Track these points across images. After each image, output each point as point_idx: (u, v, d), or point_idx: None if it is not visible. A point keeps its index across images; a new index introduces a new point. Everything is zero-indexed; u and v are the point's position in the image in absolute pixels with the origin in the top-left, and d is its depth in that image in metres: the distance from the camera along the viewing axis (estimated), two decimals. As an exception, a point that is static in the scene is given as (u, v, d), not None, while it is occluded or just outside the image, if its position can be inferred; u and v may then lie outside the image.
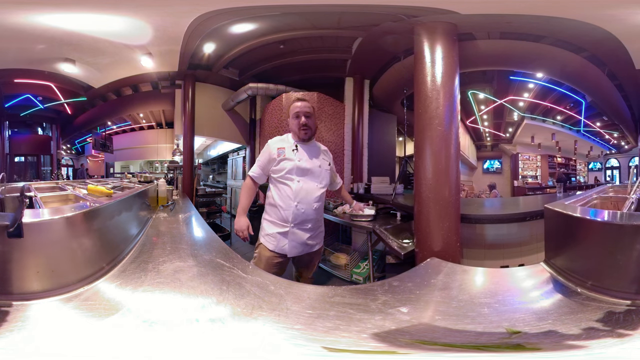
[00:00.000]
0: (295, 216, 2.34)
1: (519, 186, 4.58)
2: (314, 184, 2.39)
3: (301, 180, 2.35)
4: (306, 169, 2.37)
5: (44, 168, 4.50)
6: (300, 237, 2.35)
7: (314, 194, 2.38)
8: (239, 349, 0.80)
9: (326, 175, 2.47)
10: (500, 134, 4.58)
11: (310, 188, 2.38)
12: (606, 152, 4.36)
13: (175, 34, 3.51)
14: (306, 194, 2.36)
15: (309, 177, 2.38)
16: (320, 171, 2.43)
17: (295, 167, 2.35)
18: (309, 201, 2.36)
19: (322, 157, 2.49)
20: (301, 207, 2.34)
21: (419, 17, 2.95)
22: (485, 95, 4.40)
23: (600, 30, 3.03)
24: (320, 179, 2.43)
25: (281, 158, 2.37)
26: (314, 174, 2.40)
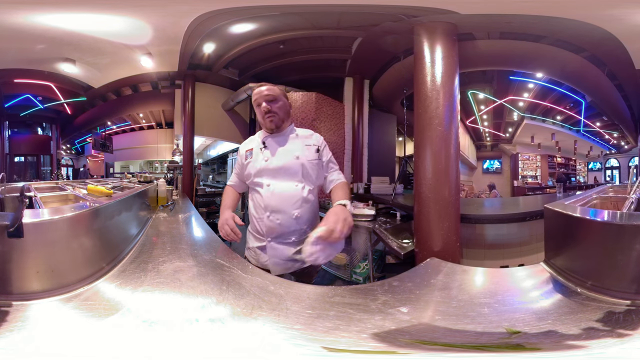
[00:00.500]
0: (270, 229, 1.92)
1: (518, 186, 4.58)
2: (290, 185, 1.91)
3: (272, 183, 1.91)
4: (277, 168, 1.92)
5: (43, 168, 4.50)
6: (282, 253, 1.91)
7: (292, 198, 1.90)
8: (238, 349, 0.80)
9: (311, 168, 1.95)
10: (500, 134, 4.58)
11: (286, 191, 1.90)
12: (606, 152, 4.36)
13: (175, 34, 3.51)
14: (280, 201, 1.89)
15: (283, 177, 1.92)
16: (298, 165, 1.93)
17: (263, 168, 1.93)
18: (284, 209, 1.89)
19: (303, 144, 1.99)
20: (275, 217, 1.89)
21: (419, 17, 2.95)
22: (485, 95, 4.40)
23: (600, 30, 3.03)
24: (300, 175, 1.93)
25: (248, 161, 2.02)
26: (290, 170, 1.92)
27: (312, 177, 1.97)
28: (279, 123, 1.96)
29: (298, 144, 2.00)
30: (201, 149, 5.97)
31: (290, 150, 1.97)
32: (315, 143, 2.04)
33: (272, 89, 1.94)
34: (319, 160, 2.01)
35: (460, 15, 2.84)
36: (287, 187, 1.92)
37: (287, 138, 2.00)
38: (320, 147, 2.04)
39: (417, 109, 2.90)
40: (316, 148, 2.02)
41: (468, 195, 4.52)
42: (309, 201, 1.96)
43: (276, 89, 1.96)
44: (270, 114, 1.93)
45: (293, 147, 1.98)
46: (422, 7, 2.87)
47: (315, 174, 1.98)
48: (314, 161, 1.98)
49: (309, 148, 2.00)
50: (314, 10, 3.35)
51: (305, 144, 2.01)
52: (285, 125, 2.02)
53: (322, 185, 2.08)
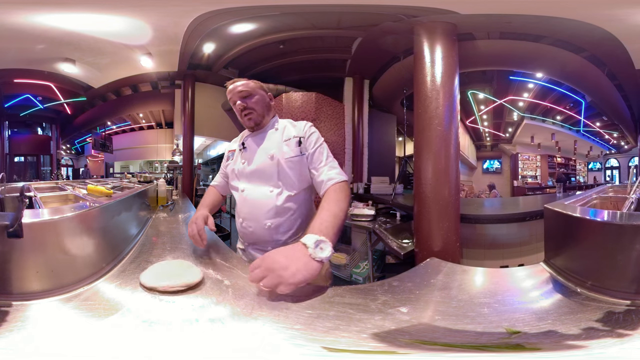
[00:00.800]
0: (244, 235, 1.83)
1: (518, 186, 4.58)
2: (263, 190, 1.70)
3: (247, 188, 1.75)
4: (251, 172, 1.74)
5: (43, 168, 4.50)
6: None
7: (264, 206, 1.69)
8: (238, 349, 0.80)
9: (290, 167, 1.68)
10: (500, 134, 4.58)
11: (258, 198, 1.71)
12: (606, 152, 4.36)
13: (175, 34, 3.51)
14: (251, 208, 1.73)
15: (257, 181, 1.72)
16: (273, 166, 1.68)
17: (240, 171, 1.78)
18: (256, 217, 1.71)
19: (281, 139, 1.73)
20: (247, 225, 1.76)
21: (419, 17, 2.95)
22: (485, 95, 4.40)
23: (600, 30, 3.03)
24: (276, 178, 1.68)
25: (228, 163, 1.90)
26: (263, 173, 1.70)
27: (293, 179, 1.69)
28: (258, 119, 1.76)
29: (275, 139, 1.75)
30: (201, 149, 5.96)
31: (265, 149, 1.73)
32: (297, 134, 1.73)
33: (245, 84, 1.75)
34: (301, 156, 1.69)
35: (460, 15, 2.84)
36: (259, 194, 1.71)
37: (265, 135, 1.78)
38: (303, 137, 1.72)
39: (417, 109, 2.90)
40: (297, 140, 1.71)
41: (468, 195, 4.52)
42: (288, 210, 1.70)
43: (250, 83, 1.77)
44: (246, 111, 1.74)
45: (269, 145, 1.74)
46: (422, 7, 2.87)
47: (296, 174, 1.69)
48: (293, 158, 1.69)
49: (287, 143, 1.72)
50: (313, 10, 3.35)
51: (284, 139, 1.73)
52: (267, 121, 1.81)
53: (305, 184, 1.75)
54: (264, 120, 1.79)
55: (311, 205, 1.82)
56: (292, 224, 1.73)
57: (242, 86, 1.74)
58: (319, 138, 1.74)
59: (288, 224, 1.72)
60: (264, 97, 1.79)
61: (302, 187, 1.72)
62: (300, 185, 1.71)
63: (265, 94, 1.81)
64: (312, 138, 1.72)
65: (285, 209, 1.70)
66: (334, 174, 1.62)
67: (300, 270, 1.12)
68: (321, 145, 1.72)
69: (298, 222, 1.74)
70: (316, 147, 1.70)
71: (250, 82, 1.78)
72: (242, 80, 1.77)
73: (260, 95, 1.77)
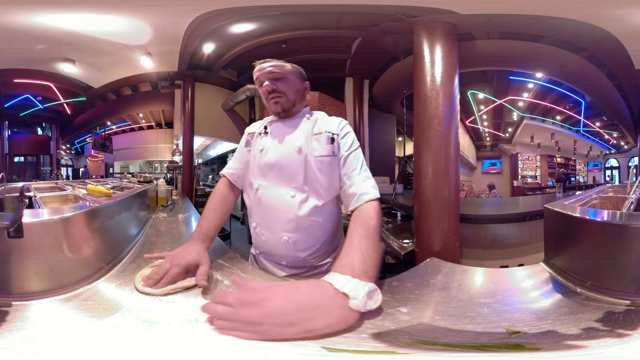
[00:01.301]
0: (256, 242, 1.54)
1: (518, 186, 4.58)
2: (282, 193, 1.38)
3: (262, 185, 1.42)
4: (270, 164, 1.41)
5: (43, 168, 4.49)
6: (272, 271, 1.50)
7: (282, 215, 1.38)
8: (238, 349, 0.80)
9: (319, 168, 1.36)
10: (500, 134, 4.58)
11: (275, 201, 1.39)
12: (605, 152, 4.36)
13: (175, 34, 3.51)
14: (266, 214, 1.42)
15: (276, 179, 1.40)
16: (299, 162, 1.37)
17: (256, 162, 1.45)
18: (271, 226, 1.42)
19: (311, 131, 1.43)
20: (261, 232, 1.46)
21: (419, 17, 2.95)
22: (485, 95, 4.40)
23: (599, 30, 3.03)
24: (301, 179, 1.37)
25: (248, 148, 1.55)
26: (286, 170, 1.38)
27: (322, 183, 1.38)
28: (286, 105, 1.45)
29: (305, 129, 1.44)
30: (201, 149, 5.97)
31: (292, 139, 1.42)
32: (329, 129, 1.42)
33: (279, 65, 1.43)
34: (333, 157, 1.39)
35: (459, 15, 2.84)
36: (277, 197, 1.38)
37: (297, 122, 1.47)
38: (338, 134, 1.41)
39: (417, 109, 2.90)
40: (329, 137, 1.40)
41: (468, 195, 4.52)
42: (312, 223, 1.39)
43: (287, 65, 1.45)
44: (274, 94, 1.43)
45: (297, 135, 1.43)
46: (422, 7, 2.87)
47: (327, 179, 1.38)
48: (324, 158, 1.37)
49: (318, 138, 1.40)
50: (313, 10, 3.35)
51: (315, 132, 1.42)
52: (297, 109, 1.50)
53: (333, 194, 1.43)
54: (294, 107, 1.48)
55: (339, 218, 1.52)
56: (315, 240, 1.42)
57: (275, 67, 1.42)
58: (355, 140, 1.45)
59: (311, 240, 1.42)
60: (298, 84, 1.49)
61: (331, 196, 1.42)
62: (329, 194, 1.41)
63: (300, 81, 1.51)
64: (347, 138, 1.43)
65: (309, 222, 1.38)
66: (369, 188, 1.32)
67: (333, 326, 0.84)
68: (357, 149, 1.43)
69: (322, 239, 1.44)
70: (352, 151, 1.41)
71: (288, 65, 1.47)
72: (275, 61, 1.45)
73: (294, 80, 1.47)
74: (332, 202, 1.43)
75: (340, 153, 1.39)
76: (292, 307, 0.84)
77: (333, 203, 1.45)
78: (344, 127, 1.45)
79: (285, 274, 1.46)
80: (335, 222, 1.49)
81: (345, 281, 0.90)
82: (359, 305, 0.87)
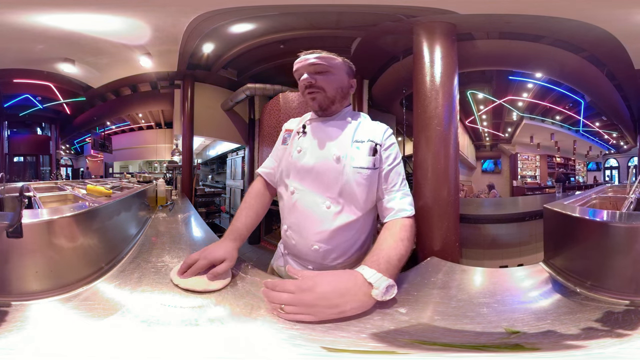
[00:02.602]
0: (285, 243, 1.53)
1: (518, 186, 4.57)
2: (317, 201, 1.33)
3: (298, 189, 1.37)
4: (307, 169, 1.34)
5: (43, 168, 4.49)
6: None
7: (315, 223, 1.34)
8: (238, 349, 0.80)
9: (357, 182, 1.30)
10: (499, 133, 4.57)
11: (309, 209, 1.35)
12: (605, 152, 4.36)
13: (174, 34, 3.50)
14: (300, 217, 1.39)
15: (312, 185, 1.34)
16: (336, 172, 1.31)
17: (292, 163, 1.39)
18: (303, 232, 1.39)
19: (351, 137, 1.34)
20: (292, 235, 1.44)
21: (418, 17, 2.95)
22: (484, 95, 4.39)
23: (599, 30, 3.02)
24: (337, 190, 1.31)
25: (285, 146, 1.50)
26: (322, 177, 1.32)
27: (358, 197, 1.32)
28: (324, 103, 1.37)
29: (346, 134, 1.35)
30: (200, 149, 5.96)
31: (331, 144, 1.34)
32: (373, 138, 1.34)
33: (326, 57, 1.35)
34: (374, 170, 1.32)
35: (459, 15, 2.84)
36: (312, 204, 1.34)
37: (338, 124, 1.39)
38: (381, 145, 1.34)
39: (416, 109, 2.90)
40: (371, 147, 1.32)
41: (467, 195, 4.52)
42: (345, 235, 1.35)
43: (336, 58, 1.37)
44: (312, 89, 1.35)
45: (336, 141, 1.35)
46: (421, 7, 2.87)
47: (364, 192, 1.32)
48: (363, 170, 1.30)
49: (360, 146, 1.32)
50: (312, 10, 3.34)
51: (356, 138, 1.33)
52: (337, 109, 1.41)
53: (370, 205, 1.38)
54: (333, 106, 1.41)
55: (372, 230, 1.48)
56: (346, 251, 1.40)
57: (320, 59, 1.34)
58: (399, 153, 1.39)
59: (341, 250, 1.39)
60: (344, 80, 1.41)
61: (367, 209, 1.38)
62: (365, 207, 1.36)
63: (348, 77, 1.43)
64: (391, 150, 1.37)
65: (342, 234, 1.35)
66: (406, 205, 1.32)
67: (355, 309, 0.96)
68: (399, 163, 1.38)
69: (353, 249, 1.42)
70: (394, 165, 1.36)
71: (338, 58, 1.39)
72: (323, 52, 1.37)
73: (339, 76, 1.39)
74: (367, 214, 1.40)
75: (383, 166, 1.36)
76: (336, 292, 0.97)
77: (368, 216, 1.41)
78: (389, 137, 1.41)
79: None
80: (368, 234, 1.46)
81: (372, 274, 1.05)
82: (378, 295, 1.00)
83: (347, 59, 1.44)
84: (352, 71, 1.46)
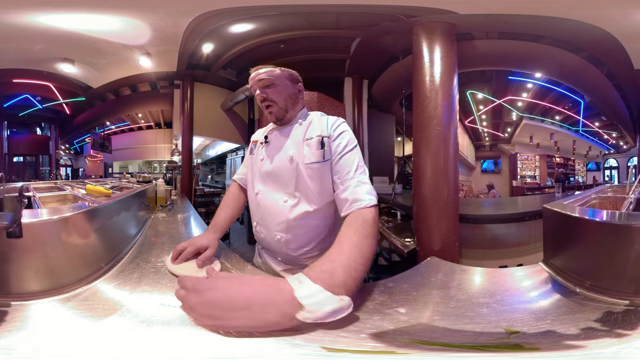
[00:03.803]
0: (257, 238, 1.66)
1: (517, 186, 4.58)
2: (277, 198, 1.47)
3: (261, 191, 1.53)
4: (268, 172, 1.50)
5: (42, 168, 4.49)
6: (271, 266, 1.62)
7: (276, 217, 1.48)
8: (237, 349, 0.80)
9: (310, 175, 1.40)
10: (499, 133, 4.58)
11: (270, 204, 1.50)
12: (605, 152, 4.36)
13: (174, 34, 3.51)
14: (264, 213, 1.53)
15: (273, 185, 1.49)
16: (291, 170, 1.43)
17: (257, 169, 1.56)
18: (268, 226, 1.52)
19: (303, 136, 1.45)
20: (260, 230, 1.58)
21: (418, 17, 2.95)
22: (484, 95, 4.40)
23: (599, 30, 3.03)
24: (293, 186, 1.43)
25: (252, 156, 1.66)
26: (280, 178, 1.46)
27: (312, 190, 1.41)
28: (279, 114, 1.49)
29: (297, 137, 1.47)
30: (200, 149, 5.97)
31: (286, 149, 1.47)
32: (320, 132, 1.42)
33: (269, 71, 1.46)
34: (324, 162, 1.39)
35: (458, 15, 2.84)
36: (272, 201, 1.49)
37: (290, 130, 1.51)
38: (329, 136, 1.40)
39: (416, 109, 2.90)
40: (319, 140, 1.40)
41: (467, 195, 4.52)
42: (302, 226, 1.46)
43: (276, 70, 1.48)
44: (266, 103, 1.48)
45: (289, 144, 1.47)
46: (421, 7, 2.87)
47: (317, 185, 1.40)
48: (314, 165, 1.39)
49: (309, 143, 1.42)
50: (312, 10, 3.34)
51: (307, 137, 1.44)
52: (292, 115, 1.53)
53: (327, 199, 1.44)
54: (287, 114, 1.51)
55: (335, 221, 1.52)
56: (306, 241, 1.49)
57: (265, 74, 1.46)
58: (351, 140, 1.41)
59: (301, 241, 1.48)
60: (289, 87, 1.52)
61: (325, 202, 1.43)
62: (322, 200, 1.42)
63: (292, 84, 1.54)
64: (341, 139, 1.39)
65: (298, 225, 1.45)
66: (362, 194, 1.27)
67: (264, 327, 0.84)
68: (351, 150, 1.39)
69: (315, 241, 1.49)
70: (344, 152, 1.38)
71: (277, 69, 1.49)
72: (266, 67, 1.48)
73: (284, 85, 1.50)
74: (326, 206, 1.45)
75: (333, 156, 1.39)
76: (227, 302, 0.85)
77: (328, 207, 1.46)
78: (338, 126, 1.44)
79: (282, 269, 1.58)
80: (330, 226, 1.52)
81: (312, 292, 0.86)
82: (308, 318, 0.83)
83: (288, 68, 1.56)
84: (295, 78, 1.57)
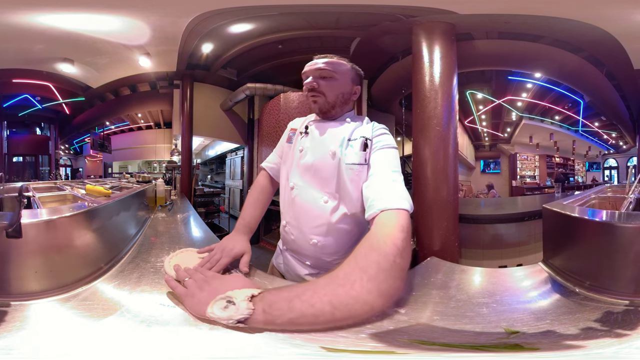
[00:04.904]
0: (284, 239, 1.54)
1: (517, 186, 4.58)
2: (315, 196, 1.36)
3: (298, 185, 1.40)
4: (307, 166, 1.37)
5: (42, 168, 4.49)
6: (294, 269, 1.50)
7: (314, 218, 1.37)
8: (237, 349, 0.80)
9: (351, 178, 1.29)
10: (499, 133, 4.58)
11: (308, 203, 1.37)
12: (604, 152, 4.36)
13: (173, 34, 3.51)
14: (299, 212, 1.41)
15: (311, 181, 1.37)
16: (333, 167, 1.32)
17: (295, 161, 1.43)
18: (302, 228, 1.41)
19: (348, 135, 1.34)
20: (290, 230, 1.45)
21: (417, 17, 2.95)
22: (484, 95, 4.40)
23: (598, 30, 3.03)
24: (334, 185, 1.33)
25: (289, 144, 1.51)
26: (320, 174, 1.35)
27: (352, 193, 1.30)
28: (324, 107, 1.38)
29: (342, 133, 1.36)
30: (200, 149, 5.97)
31: (329, 142, 1.36)
32: (364, 133, 1.32)
33: (332, 62, 1.37)
34: (364, 165, 1.28)
35: (458, 15, 2.85)
36: (310, 199, 1.37)
37: (336, 124, 1.40)
38: (371, 138, 1.31)
39: (416, 109, 2.90)
40: (363, 142, 1.30)
41: (466, 195, 4.52)
42: (341, 230, 1.36)
43: (343, 64, 1.40)
44: (313, 93, 1.37)
45: (333, 139, 1.36)
46: (421, 7, 2.87)
47: (357, 189, 1.30)
48: (354, 166, 1.29)
49: (353, 144, 1.32)
50: (311, 10, 3.34)
51: (351, 136, 1.34)
52: (337, 113, 1.43)
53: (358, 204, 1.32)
54: (333, 110, 1.41)
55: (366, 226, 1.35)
56: (342, 246, 1.38)
57: (327, 64, 1.36)
58: (390, 141, 1.32)
59: (338, 245, 1.38)
60: (346, 86, 1.42)
61: (360, 207, 1.30)
62: (358, 205, 1.31)
63: (351, 84, 1.44)
64: (381, 139, 1.32)
65: (338, 229, 1.36)
66: (389, 195, 1.12)
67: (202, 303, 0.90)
68: (388, 148, 1.30)
69: (348, 246, 1.36)
70: (378, 148, 1.30)
71: (345, 63, 1.41)
72: (330, 57, 1.39)
73: (343, 81, 1.40)
74: (361, 212, 1.30)
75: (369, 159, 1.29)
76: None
77: (362, 213, 1.29)
78: (379, 129, 1.36)
79: (307, 272, 1.46)
80: (363, 232, 1.37)
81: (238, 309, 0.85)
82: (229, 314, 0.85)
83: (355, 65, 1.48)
84: (359, 78, 1.48)
